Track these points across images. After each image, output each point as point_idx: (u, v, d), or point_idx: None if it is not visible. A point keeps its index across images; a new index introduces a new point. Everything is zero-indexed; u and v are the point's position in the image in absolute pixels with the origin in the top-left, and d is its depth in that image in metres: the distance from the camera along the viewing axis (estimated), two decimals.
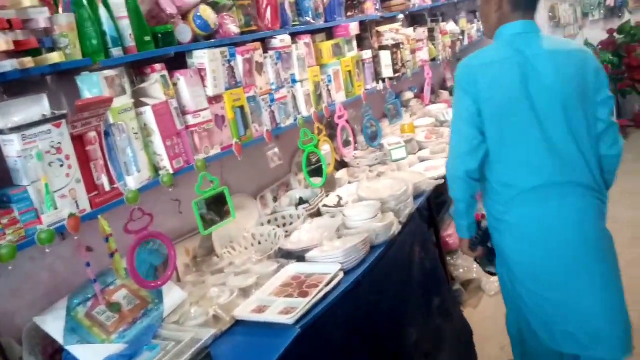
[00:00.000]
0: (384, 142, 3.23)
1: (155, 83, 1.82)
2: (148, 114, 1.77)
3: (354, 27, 3.05)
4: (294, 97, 2.53)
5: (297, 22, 2.61)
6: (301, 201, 2.62)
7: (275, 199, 2.72)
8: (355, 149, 3.33)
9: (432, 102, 4.35)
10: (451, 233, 3.14)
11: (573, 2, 6.06)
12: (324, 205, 2.56)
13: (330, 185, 2.87)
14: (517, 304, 1.99)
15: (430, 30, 4.19)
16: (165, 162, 1.81)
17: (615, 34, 5.87)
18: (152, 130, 1.78)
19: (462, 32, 4.94)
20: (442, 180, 2.78)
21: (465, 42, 5.01)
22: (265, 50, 2.36)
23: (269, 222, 2.52)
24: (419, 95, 4.35)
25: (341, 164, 3.23)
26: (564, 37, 6.22)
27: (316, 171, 2.75)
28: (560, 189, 1.77)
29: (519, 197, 1.80)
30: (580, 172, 1.78)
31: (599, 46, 5.76)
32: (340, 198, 2.64)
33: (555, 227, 1.78)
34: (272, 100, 2.37)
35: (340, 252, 1.97)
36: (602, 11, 6.06)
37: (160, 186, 1.81)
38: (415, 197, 2.60)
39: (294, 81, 2.53)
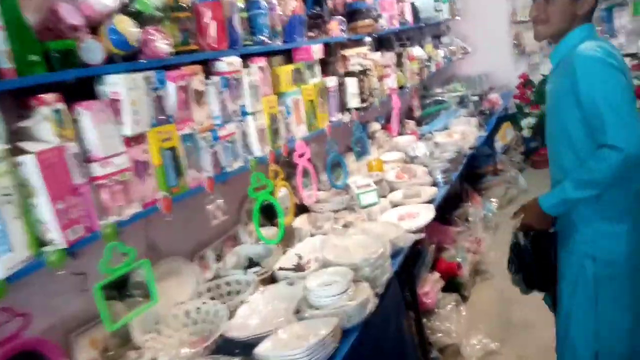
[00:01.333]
0: (351, 183, 2.77)
1: (43, 121, 1.29)
2: (30, 165, 1.23)
3: (317, 50, 2.60)
4: (244, 133, 2.04)
5: (249, 42, 2.12)
6: (251, 263, 2.11)
7: (219, 258, 2.19)
8: (318, 189, 2.85)
9: (399, 133, 3.96)
10: (428, 291, 2.70)
11: None
12: (281, 269, 2.06)
13: (288, 237, 2.37)
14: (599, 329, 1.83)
15: (399, 56, 3.82)
16: (54, 234, 1.27)
17: None
18: (35, 189, 1.24)
19: (430, 58, 4.61)
20: (423, 235, 2.34)
21: (433, 68, 4.69)
22: (207, 76, 1.86)
23: (209, 290, 1.99)
24: (385, 126, 3.94)
25: (301, 209, 2.74)
26: (529, 65, 6.07)
27: (268, 210, 2.26)
28: None
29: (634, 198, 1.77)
30: None
31: None
32: (300, 258, 2.14)
33: None
34: (215, 138, 1.86)
35: (302, 350, 1.46)
36: None
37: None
38: (392, 256, 2.14)
39: (244, 114, 2.04)
